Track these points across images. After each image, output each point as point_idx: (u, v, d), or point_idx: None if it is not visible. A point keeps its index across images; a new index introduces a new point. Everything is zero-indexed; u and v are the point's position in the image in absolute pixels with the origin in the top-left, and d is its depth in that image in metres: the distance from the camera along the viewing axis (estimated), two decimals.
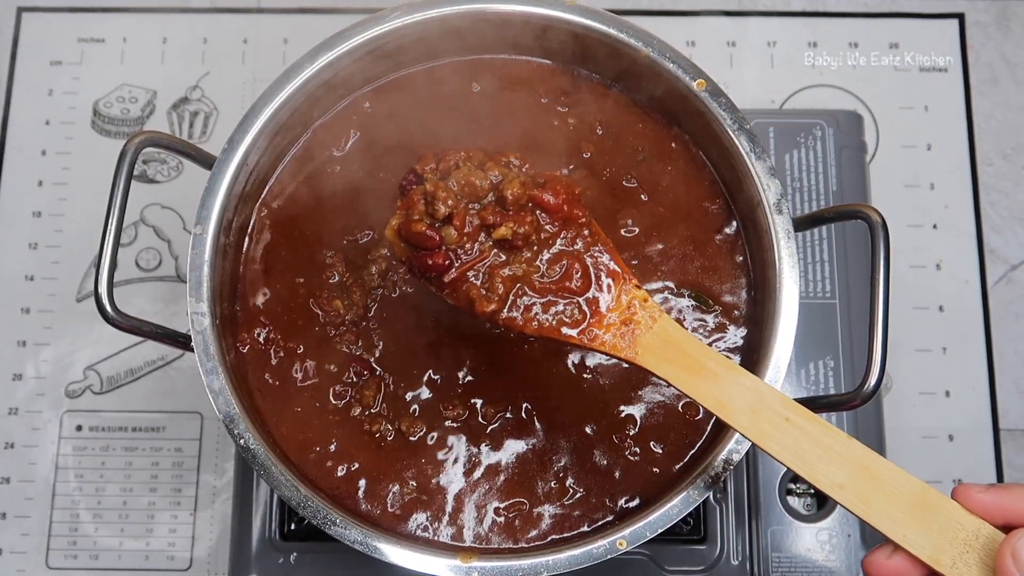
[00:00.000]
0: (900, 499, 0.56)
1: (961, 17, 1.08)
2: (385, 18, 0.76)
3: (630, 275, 0.64)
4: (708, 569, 0.85)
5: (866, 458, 0.57)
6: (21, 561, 0.93)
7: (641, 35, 0.76)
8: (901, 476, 0.56)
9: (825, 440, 0.57)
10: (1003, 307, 1.00)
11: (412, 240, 0.63)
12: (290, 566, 0.84)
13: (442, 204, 0.62)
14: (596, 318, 0.63)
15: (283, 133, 0.77)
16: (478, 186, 0.63)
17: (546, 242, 0.64)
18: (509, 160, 0.66)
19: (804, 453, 0.57)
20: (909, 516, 0.55)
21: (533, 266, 0.64)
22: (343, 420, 0.73)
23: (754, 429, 0.59)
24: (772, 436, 0.58)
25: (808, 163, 0.96)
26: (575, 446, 0.73)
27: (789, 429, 0.58)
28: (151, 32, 1.07)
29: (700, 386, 0.61)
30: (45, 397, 0.97)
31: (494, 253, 0.63)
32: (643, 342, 0.62)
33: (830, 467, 0.57)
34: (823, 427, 0.58)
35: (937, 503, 0.55)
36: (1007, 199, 1.03)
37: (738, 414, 0.59)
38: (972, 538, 0.54)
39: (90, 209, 1.01)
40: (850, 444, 0.58)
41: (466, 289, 0.63)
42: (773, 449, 0.58)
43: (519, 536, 0.71)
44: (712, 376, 0.61)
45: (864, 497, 0.56)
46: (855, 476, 0.56)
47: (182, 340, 0.70)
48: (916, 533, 0.55)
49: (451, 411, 0.73)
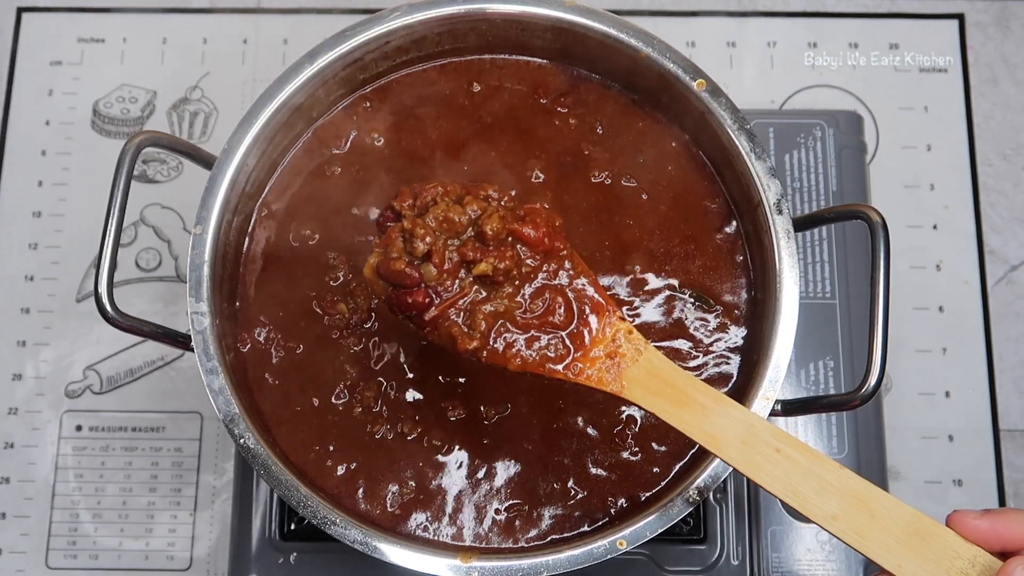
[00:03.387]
0: (895, 528, 0.55)
1: (961, 18, 1.08)
2: (385, 18, 0.76)
3: (614, 308, 0.64)
4: (708, 569, 0.85)
5: (859, 488, 0.57)
6: (21, 561, 0.93)
7: (641, 35, 0.76)
8: (895, 505, 0.56)
9: (817, 471, 0.57)
10: (1003, 308, 1.00)
11: (391, 278, 0.62)
12: (290, 566, 0.84)
13: (420, 241, 0.61)
14: (581, 352, 0.63)
15: (283, 133, 0.77)
16: (457, 222, 0.62)
17: (528, 276, 0.63)
18: (488, 194, 0.65)
19: (797, 485, 0.57)
20: (904, 546, 0.55)
21: (515, 301, 0.63)
22: (343, 420, 0.73)
23: (745, 462, 0.58)
24: (764, 468, 0.58)
25: (808, 163, 0.96)
26: (576, 446, 0.73)
27: (780, 460, 0.58)
28: (151, 32, 1.07)
29: (688, 419, 0.60)
30: (45, 397, 0.97)
31: (475, 289, 0.62)
32: (629, 375, 0.62)
33: (823, 498, 0.57)
34: (815, 457, 0.58)
35: (932, 531, 0.55)
36: (1007, 200, 1.03)
37: (728, 447, 0.59)
38: (968, 566, 0.54)
39: (90, 209, 1.01)
40: (842, 474, 0.57)
41: (447, 327, 0.62)
42: (765, 481, 0.58)
43: (519, 536, 0.71)
44: (700, 408, 0.60)
45: (858, 528, 0.56)
46: (849, 507, 0.56)
47: (182, 340, 0.70)
48: (912, 562, 0.55)
49: (452, 412, 0.73)
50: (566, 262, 0.64)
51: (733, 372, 0.75)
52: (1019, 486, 0.96)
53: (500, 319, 0.63)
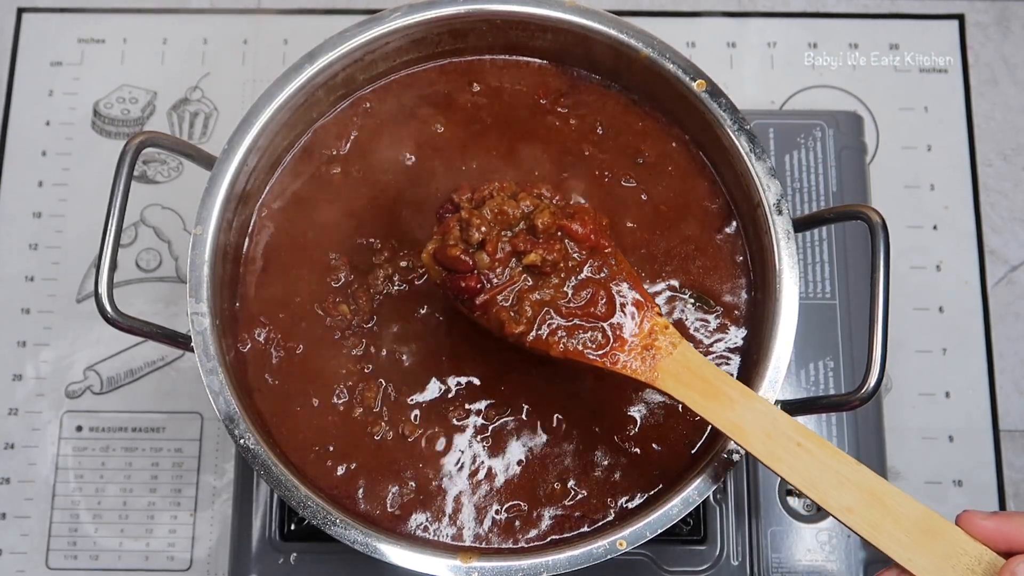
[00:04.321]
0: (906, 524, 0.58)
1: (961, 18, 1.08)
2: (385, 18, 0.76)
3: (652, 303, 0.67)
4: (708, 569, 0.85)
5: (874, 484, 0.59)
6: (21, 561, 0.93)
7: (641, 36, 0.76)
8: (908, 502, 0.58)
9: (835, 465, 0.60)
10: (1003, 308, 1.00)
11: (447, 264, 0.66)
12: (290, 566, 0.84)
13: (476, 231, 0.65)
14: (619, 343, 0.66)
15: (283, 133, 0.77)
16: (510, 215, 0.66)
17: (573, 269, 0.67)
18: (541, 192, 0.69)
19: (815, 478, 0.60)
20: (915, 540, 0.57)
21: (560, 292, 0.66)
22: (343, 421, 0.73)
23: (767, 453, 0.61)
24: (784, 460, 0.61)
25: (808, 164, 0.96)
26: (576, 447, 0.73)
27: (801, 454, 0.61)
28: (151, 33, 1.07)
29: (716, 410, 0.63)
30: (45, 397, 0.97)
31: (524, 278, 0.66)
32: (663, 367, 0.65)
33: (840, 492, 0.59)
34: (833, 453, 0.60)
35: (942, 528, 0.57)
36: (1007, 200, 1.03)
37: (753, 438, 0.62)
38: (975, 563, 0.56)
39: (90, 210, 1.01)
40: (859, 470, 0.60)
41: (496, 312, 0.66)
42: (785, 472, 0.60)
43: (519, 536, 0.71)
44: (728, 401, 0.63)
45: (872, 521, 0.58)
46: (863, 501, 0.59)
47: (182, 340, 0.70)
48: (921, 556, 0.57)
49: (452, 412, 0.73)
50: (611, 259, 0.67)
51: (733, 372, 0.75)
52: (1019, 486, 0.96)
53: (545, 307, 0.66)
